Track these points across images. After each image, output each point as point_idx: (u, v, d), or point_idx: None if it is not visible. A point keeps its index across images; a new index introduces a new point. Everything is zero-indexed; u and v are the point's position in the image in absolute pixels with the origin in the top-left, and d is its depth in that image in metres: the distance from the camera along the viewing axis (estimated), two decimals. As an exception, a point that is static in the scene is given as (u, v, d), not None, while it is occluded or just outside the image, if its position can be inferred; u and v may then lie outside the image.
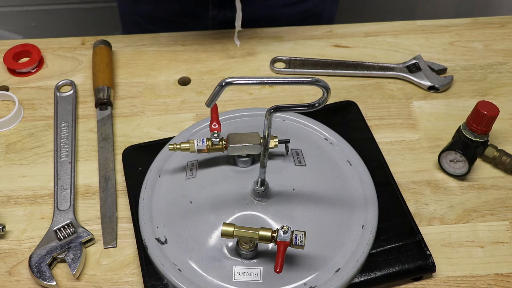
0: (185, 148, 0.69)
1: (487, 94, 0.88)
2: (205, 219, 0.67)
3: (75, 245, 0.68)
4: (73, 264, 0.66)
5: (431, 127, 0.83)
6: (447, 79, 0.88)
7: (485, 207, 0.74)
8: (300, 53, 0.94)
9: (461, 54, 0.94)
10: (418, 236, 0.68)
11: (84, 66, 0.92)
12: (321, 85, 0.55)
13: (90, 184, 0.76)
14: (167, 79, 0.90)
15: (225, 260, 0.64)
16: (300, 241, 0.59)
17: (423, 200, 0.74)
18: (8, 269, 0.68)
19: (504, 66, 0.92)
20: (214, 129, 0.68)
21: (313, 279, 0.63)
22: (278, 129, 0.75)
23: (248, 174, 0.70)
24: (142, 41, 0.96)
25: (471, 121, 0.74)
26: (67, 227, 0.69)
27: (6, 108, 0.86)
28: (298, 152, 0.73)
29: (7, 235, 0.71)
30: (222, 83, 0.54)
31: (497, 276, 0.67)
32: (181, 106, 0.86)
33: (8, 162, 0.78)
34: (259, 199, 0.67)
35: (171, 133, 0.81)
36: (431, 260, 0.66)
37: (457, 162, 0.75)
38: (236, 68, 0.91)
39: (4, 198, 0.74)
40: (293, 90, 0.88)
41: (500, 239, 0.71)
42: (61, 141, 0.79)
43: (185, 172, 0.72)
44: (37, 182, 0.76)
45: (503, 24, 0.99)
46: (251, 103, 0.86)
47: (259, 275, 0.63)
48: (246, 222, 0.65)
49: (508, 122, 0.84)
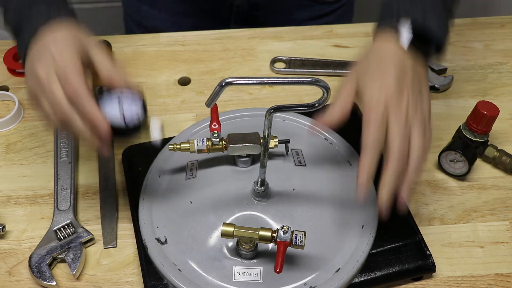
0: (185, 148, 0.69)
1: (487, 94, 0.88)
2: (205, 219, 0.67)
3: (75, 245, 0.68)
4: (73, 264, 0.66)
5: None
6: (447, 79, 0.88)
7: (485, 207, 0.74)
8: (300, 53, 0.94)
9: (461, 54, 0.94)
10: (418, 236, 0.68)
11: (84, 66, 0.91)
12: (321, 85, 0.55)
13: (90, 184, 0.76)
14: (167, 79, 0.90)
15: (225, 260, 0.64)
16: (300, 241, 0.59)
17: (423, 200, 0.74)
18: (8, 269, 0.68)
19: (504, 66, 0.92)
20: (214, 129, 0.68)
21: (313, 279, 0.63)
22: (278, 129, 0.75)
23: (248, 174, 0.70)
24: (142, 41, 0.96)
25: (471, 121, 0.74)
26: (67, 227, 0.69)
27: (6, 108, 0.86)
28: (298, 152, 0.73)
29: (7, 235, 0.71)
30: (222, 83, 0.54)
31: (497, 276, 0.67)
32: (181, 106, 0.86)
33: (8, 162, 0.78)
34: (259, 199, 0.67)
35: (171, 133, 0.81)
36: (431, 260, 0.66)
37: (457, 162, 0.75)
38: (236, 68, 0.91)
39: (4, 198, 0.74)
40: (293, 90, 0.88)
41: (500, 239, 0.71)
42: (61, 141, 0.79)
43: (185, 172, 0.72)
44: (37, 182, 0.76)
45: (503, 24, 0.99)
46: (251, 103, 0.86)
47: (259, 275, 0.63)
48: (246, 222, 0.65)
49: (508, 122, 0.84)
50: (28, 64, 0.60)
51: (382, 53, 0.63)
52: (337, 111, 0.61)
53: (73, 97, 0.56)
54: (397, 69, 0.61)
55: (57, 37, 0.59)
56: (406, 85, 0.61)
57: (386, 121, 0.59)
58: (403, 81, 0.60)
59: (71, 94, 0.56)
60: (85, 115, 0.57)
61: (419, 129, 0.60)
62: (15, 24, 0.63)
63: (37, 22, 0.61)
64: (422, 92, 0.62)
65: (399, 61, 0.62)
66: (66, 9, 0.64)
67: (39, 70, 0.58)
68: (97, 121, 0.56)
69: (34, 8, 0.62)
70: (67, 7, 0.64)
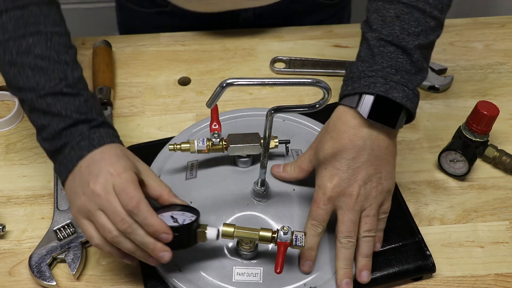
0: (185, 148, 0.69)
1: (487, 94, 0.88)
2: (205, 219, 0.66)
3: (75, 245, 0.68)
4: (73, 264, 0.66)
5: (431, 127, 0.83)
6: (447, 79, 0.88)
7: (485, 207, 0.74)
8: (300, 53, 0.94)
9: (461, 54, 0.94)
10: (418, 236, 0.68)
11: (84, 66, 0.90)
12: (322, 86, 0.55)
13: (90, 184, 0.76)
14: (167, 79, 0.90)
15: (225, 260, 0.64)
16: (300, 242, 0.59)
17: (423, 200, 0.74)
18: (8, 269, 0.68)
19: (504, 66, 0.92)
20: (214, 130, 0.68)
21: (313, 279, 0.63)
22: (278, 129, 0.75)
23: (248, 174, 0.70)
24: (142, 41, 0.96)
25: (471, 121, 0.74)
26: (67, 227, 0.69)
27: (6, 108, 0.86)
28: (298, 153, 0.73)
29: (7, 235, 0.71)
30: (223, 84, 0.54)
31: (497, 276, 0.67)
32: (181, 106, 0.86)
33: (8, 162, 0.78)
34: (259, 200, 0.67)
35: (171, 133, 0.81)
36: (431, 261, 0.66)
37: (457, 162, 0.75)
38: (236, 68, 0.91)
39: (4, 198, 0.74)
40: (293, 90, 0.88)
41: (500, 239, 0.71)
42: (61, 141, 0.79)
43: (185, 172, 0.72)
44: (37, 182, 0.76)
45: (503, 24, 0.99)
46: (251, 103, 0.86)
47: (259, 275, 0.63)
48: (246, 223, 0.65)
49: (508, 122, 0.84)
50: (77, 183, 0.60)
51: (341, 128, 0.63)
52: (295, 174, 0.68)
53: (135, 211, 0.57)
54: (350, 152, 0.62)
55: (110, 155, 0.60)
56: (359, 166, 0.62)
57: (332, 207, 0.63)
58: (356, 162, 0.62)
59: (133, 208, 0.57)
60: (147, 227, 0.57)
61: (370, 211, 0.63)
62: (56, 145, 0.62)
63: (88, 145, 0.60)
64: (379, 169, 0.63)
65: (355, 138, 0.62)
66: (110, 130, 0.63)
67: (97, 187, 0.57)
68: (161, 230, 0.57)
69: (79, 131, 0.61)
70: (110, 127, 0.64)
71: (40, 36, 0.63)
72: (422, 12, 0.63)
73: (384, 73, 0.62)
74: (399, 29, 0.63)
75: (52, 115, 0.61)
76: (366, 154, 0.62)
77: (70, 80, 0.63)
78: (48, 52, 0.63)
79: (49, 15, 0.65)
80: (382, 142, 0.63)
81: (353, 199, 0.62)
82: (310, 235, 0.63)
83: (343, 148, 0.62)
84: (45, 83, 0.62)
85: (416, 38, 0.63)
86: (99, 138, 0.61)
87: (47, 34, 0.64)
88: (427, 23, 0.63)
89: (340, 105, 0.65)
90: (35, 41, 0.63)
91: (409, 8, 0.63)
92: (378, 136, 0.63)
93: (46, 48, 0.63)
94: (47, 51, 0.63)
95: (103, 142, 0.61)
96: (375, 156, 0.63)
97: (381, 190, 0.63)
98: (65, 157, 0.61)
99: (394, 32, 0.63)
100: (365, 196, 0.62)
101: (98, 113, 0.64)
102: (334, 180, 0.62)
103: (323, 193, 0.63)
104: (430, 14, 0.63)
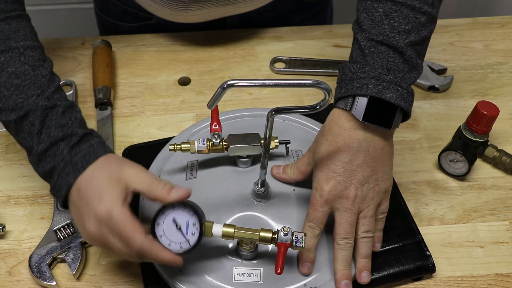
0: (185, 148, 0.69)
1: (487, 94, 0.88)
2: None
3: (75, 245, 0.68)
4: (73, 264, 0.66)
5: (431, 127, 0.83)
6: (447, 79, 0.88)
7: (485, 207, 0.74)
8: (300, 53, 0.94)
9: (461, 54, 0.94)
10: (418, 237, 0.69)
11: (84, 66, 0.91)
12: (323, 88, 0.55)
13: (90, 184, 0.76)
14: (167, 79, 0.90)
15: (225, 260, 0.64)
16: (300, 243, 0.59)
17: (423, 200, 0.75)
18: (8, 269, 0.68)
19: (504, 66, 0.92)
20: (214, 130, 0.68)
21: (313, 280, 0.63)
22: (279, 130, 0.75)
23: (248, 174, 0.70)
24: (142, 41, 0.96)
25: (471, 121, 0.74)
26: (67, 227, 0.69)
27: (6, 108, 0.86)
28: (298, 153, 0.73)
29: (7, 235, 0.71)
30: (224, 85, 0.54)
31: (497, 276, 0.67)
32: (181, 106, 0.86)
33: (8, 162, 0.78)
34: (259, 200, 0.67)
35: (171, 133, 0.81)
36: (431, 261, 0.66)
37: (457, 162, 0.75)
38: (236, 68, 0.91)
39: (4, 198, 0.74)
40: (293, 90, 0.88)
41: (500, 239, 0.71)
42: (61, 141, 0.79)
43: (185, 172, 0.72)
44: (37, 182, 0.76)
45: (503, 24, 0.99)
46: (251, 103, 0.86)
47: (259, 276, 0.63)
48: (246, 223, 0.65)
49: (508, 122, 0.84)
50: (76, 213, 0.59)
51: (336, 131, 0.63)
52: (294, 176, 0.68)
53: (140, 255, 0.57)
54: (345, 155, 0.62)
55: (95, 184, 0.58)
56: (355, 169, 0.62)
57: (329, 209, 0.63)
58: (352, 165, 0.62)
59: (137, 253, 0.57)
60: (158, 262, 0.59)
61: (367, 212, 0.63)
62: (44, 169, 0.61)
63: (73, 171, 0.59)
64: (375, 170, 0.63)
65: (350, 140, 0.62)
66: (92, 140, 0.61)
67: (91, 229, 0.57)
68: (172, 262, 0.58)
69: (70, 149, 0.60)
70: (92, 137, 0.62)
71: (12, 53, 0.62)
72: (412, 9, 0.63)
73: (376, 73, 0.62)
74: (389, 28, 0.62)
75: (33, 135, 0.61)
76: (362, 156, 0.62)
77: (46, 93, 0.62)
78: (23, 68, 0.62)
79: (19, 30, 0.64)
80: (377, 143, 0.63)
81: (350, 201, 0.62)
82: (308, 237, 0.63)
83: (339, 150, 0.62)
84: (23, 102, 0.61)
85: (407, 35, 0.62)
86: (82, 160, 0.59)
87: (19, 49, 0.63)
88: (417, 19, 0.63)
89: (335, 107, 0.65)
90: (7, 58, 0.62)
91: (397, 6, 0.63)
92: (374, 138, 0.63)
93: (20, 64, 0.62)
94: (21, 67, 0.62)
95: (86, 164, 0.59)
96: (371, 157, 0.63)
97: (378, 191, 0.63)
98: (55, 184, 0.61)
99: (384, 31, 0.62)
100: (362, 198, 0.62)
101: (79, 124, 0.62)
102: (330, 182, 0.62)
103: (320, 196, 0.63)
104: (420, 9, 0.63)
